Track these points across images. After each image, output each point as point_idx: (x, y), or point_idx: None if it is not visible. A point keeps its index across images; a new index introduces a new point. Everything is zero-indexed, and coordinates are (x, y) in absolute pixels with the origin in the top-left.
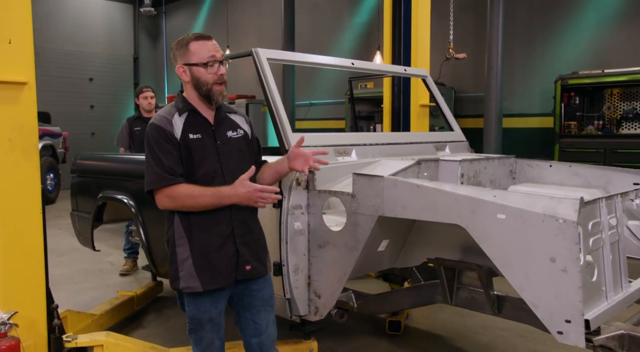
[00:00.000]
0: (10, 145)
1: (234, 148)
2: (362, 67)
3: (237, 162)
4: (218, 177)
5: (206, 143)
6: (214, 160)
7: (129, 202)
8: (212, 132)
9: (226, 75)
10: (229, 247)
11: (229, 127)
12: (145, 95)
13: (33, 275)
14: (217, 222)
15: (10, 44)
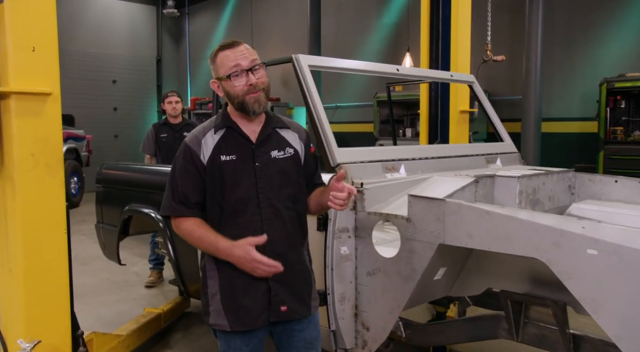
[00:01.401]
0: (33, 160)
1: (277, 171)
2: (408, 73)
3: (279, 188)
4: (252, 204)
5: (241, 165)
6: (248, 184)
7: (157, 216)
8: (252, 152)
9: (262, 81)
10: (259, 284)
11: (275, 145)
12: (170, 100)
13: (57, 300)
14: None
15: (34, 51)
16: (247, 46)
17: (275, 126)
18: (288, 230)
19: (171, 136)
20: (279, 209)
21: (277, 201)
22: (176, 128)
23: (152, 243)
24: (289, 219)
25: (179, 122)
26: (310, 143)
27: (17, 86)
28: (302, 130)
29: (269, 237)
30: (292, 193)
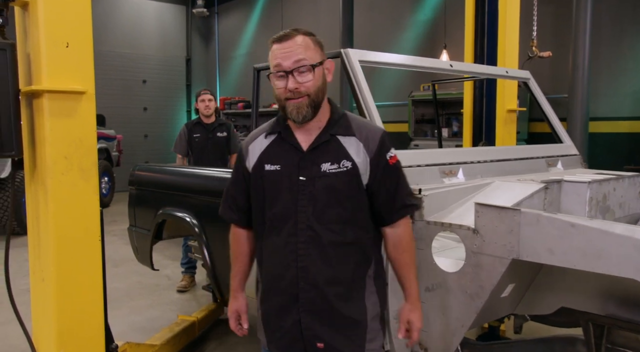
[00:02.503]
0: (67, 163)
1: (324, 187)
2: (462, 69)
3: (324, 207)
4: (289, 223)
5: (283, 178)
6: (288, 200)
7: (192, 220)
8: (298, 163)
9: (306, 86)
10: (289, 312)
11: (329, 156)
12: (203, 98)
13: (91, 311)
14: (278, 277)
15: (67, 47)
16: (299, 40)
17: (336, 132)
18: (329, 258)
19: (204, 136)
20: (319, 233)
21: (319, 223)
22: (209, 128)
23: (185, 246)
24: (333, 245)
25: (212, 121)
26: (383, 155)
27: (50, 84)
28: (372, 138)
29: (303, 264)
30: (344, 215)
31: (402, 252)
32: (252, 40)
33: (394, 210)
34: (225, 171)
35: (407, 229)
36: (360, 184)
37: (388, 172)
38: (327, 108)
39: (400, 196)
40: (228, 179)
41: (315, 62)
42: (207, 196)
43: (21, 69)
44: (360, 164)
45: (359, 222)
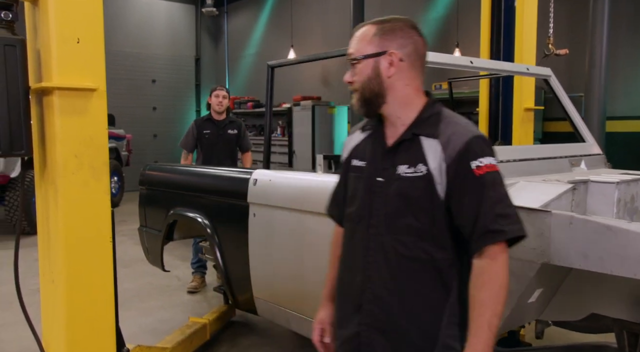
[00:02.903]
0: (77, 162)
1: (396, 192)
2: (482, 66)
3: (395, 215)
4: (362, 226)
5: (364, 175)
6: (364, 202)
7: (204, 221)
8: (380, 161)
9: (352, 81)
10: (351, 322)
11: (407, 158)
12: (217, 93)
13: (101, 315)
14: (347, 282)
15: (78, 43)
16: (359, 32)
17: (420, 132)
18: (396, 273)
19: (214, 133)
20: (388, 243)
21: (389, 232)
22: (220, 124)
23: (195, 245)
24: (401, 259)
25: (223, 118)
26: (465, 162)
27: (61, 81)
28: (455, 141)
29: (370, 272)
30: (416, 227)
31: (480, 288)
32: (262, 39)
33: (476, 235)
34: (237, 171)
35: (494, 263)
36: (435, 194)
37: (469, 185)
38: (417, 103)
39: (484, 218)
40: (242, 178)
41: (361, 55)
42: (219, 196)
43: (31, 65)
44: (434, 170)
45: (436, 239)
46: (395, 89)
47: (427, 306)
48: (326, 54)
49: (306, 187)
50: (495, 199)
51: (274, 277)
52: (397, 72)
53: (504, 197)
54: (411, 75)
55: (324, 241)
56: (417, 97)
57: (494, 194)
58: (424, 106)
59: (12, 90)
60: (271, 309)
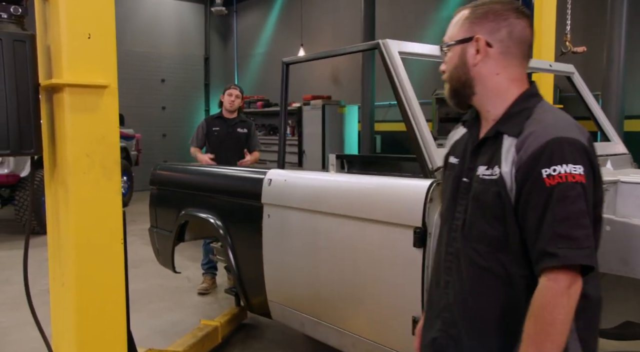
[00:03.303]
0: (89, 161)
1: (475, 196)
2: None
3: (473, 221)
4: (446, 229)
5: (453, 174)
6: (449, 203)
7: (216, 222)
8: (468, 161)
9: (442, 70)
10: (432, 327)
11: (487, 158)
12: (231, 92)
13: (113, 318)
14: (433, 284)
15: (89, 39)
16: (455, 18)
17: (505, 130)
18: (465, 284)
19: (223, 130)
20: (461, 250)
21: (464, 238)
22: (230, 122)
23: (205, 245)
24: (473, 269)
25: (234, 117)
26: (536, 168)
27: (71, 78)
28: (530, 143)
29: (447, 278)
30: (490, 236)
31: (529, 316)
32: (271, 38)
33: (534, 255)
34: (251, 171)
35: (547, 291)
36: (507, 202)
37: (536, 196)
38: (510, 95)
39: (543, 237)
40: (256, 178)
41: (449, 42)
42: (232, 197)
43: (41, 62)
44: (505, 174)
45: (512, 252)
46: (483, 79)
47: (496, 327)
48: (343, 50)
49: (323, 188)
50: (560, 216)
51: (289, 280)
52: (484, 59)
53: (574, 215)
54: (504, 64)
55: (340, 243)
56: (511, 88)
57: (561, 210)
58: (515, 99)
59: (22, 87)
60: (285, 313)
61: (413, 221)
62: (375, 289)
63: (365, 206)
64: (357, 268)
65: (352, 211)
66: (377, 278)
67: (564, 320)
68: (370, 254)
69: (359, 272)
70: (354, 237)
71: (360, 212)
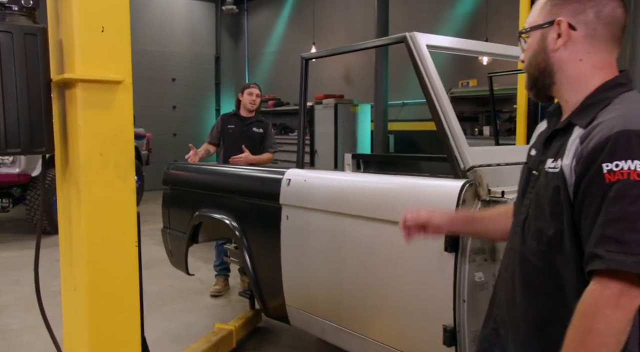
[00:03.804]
0: (102, 161)
1: (535, 191)
2: None
3: (533, 216)
4: (513, 223)
5: (527, 167)
6: (519, 195)
7: (232, 223)
8: (540, 153)
9: (522, 58)
10: (488, 322)
11: (554, 151)
12: (251, 91)
13: (127, 324)
14: (498, 278)
15: (103, 32)
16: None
17: (576, 120)
18: (515, 282)
19: (239, 128)
20: (519, 247)
21: (523, 234)
22: (246, 121)
23: (218, 247)
24: (525, 267)
25: (251, 116)
26: (596, 163)
27: (84, 73)
28: (595, 135)
29: (504, 275)
30: (547, 235)
31: (571, 324)
32: (282, 37)
33: (586, 254)
34: (268, 170)
35: (589, 294)
36: (565, 198)
37: (593, 192)
38: (592, 84)
39: (593, 237)
40: (274, 178)
41: (528, 27)
42: (249, 197)
43: (53, 56)
44: (565, 167)
45: (569, 255)
46: (564, 66)
47: (535, 330)
48: (367, 44)
49: (346, 188)
50: (614, 217)
51: (309, 284)
52: (566, 44)
53: (631, 217)
54: (588, 48)
55: (365, 247)
56: (594, 76)
57: (616, 210)
58: (596, 88)
59: (33, 83)
60: (305, 319)
61: None
62: (402, 295)
63: (393, 207)
64: (383, 273)
65: (378, 212)
66: (405, 283)
67: (605, 332)
68: (397, 258)
69: (385, 277)
70: (380, 240)
71: (387, 214)
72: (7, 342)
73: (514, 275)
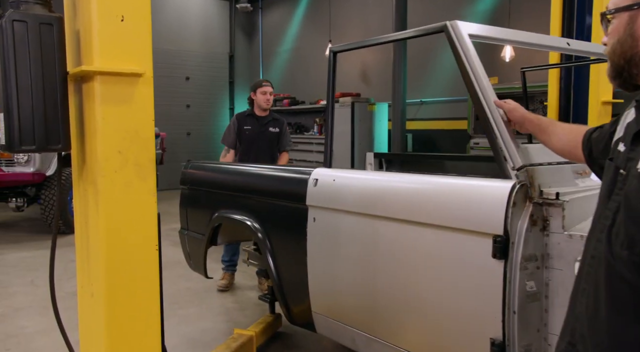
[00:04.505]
0: (121, 159)
1: (626, 194)
2: (580, 49)
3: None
4: (594, 227)
5: (614, 165)
6: (604, 195)
7: (254, 224)
8: (629, 149)
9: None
10: (564, 334)
11: None
12: (265, 90)
13: (146, 332)
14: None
15: (122, 21)
16: None
17: None
18: (598, 295)
19: (256, 129)
20: (602, 255)
21: (608, 242)
22: (262, 121)
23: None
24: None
25: (266, 115)
26: None
27: (103, 65)
28: None
29: (582, 285)
30: (634, 237)
31: None
32: (297, 35)
33: None
34: (294, 170)
35: None
36: None
37: None
38: None
39: None
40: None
41: (614, 8)
42: (273, 198)
43: (69, 47)
44: None
45: None
46: None
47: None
48: (399, 35)
49: (380, 189)
50: None
51: (338, 291)
52: None
53: None
54: None
55: (402, 252)
56: None
57: None
58: None
59: (49, 76)
60: (332, 326)
61: (492, 228)
62: (444, 305)
63: (434, 210)
64: (422, 280)
65: (416, 215)
66: (447, 292)
67: None
68: (439, 264)
69: (423, 285)
70: (419, 245)
71: (427, 217)
72: (21, 347)
73: (598, 289)
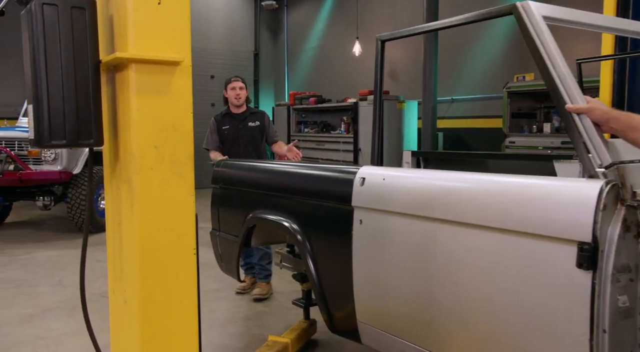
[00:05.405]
0: (157, 155)
1: None
2: None
3: None
4: None
5: None
6: None
7: (292, 226)
8: None
9: None
10: None
11: None
12: (234, 85)
13: (183, 342)
14: None
15: (159, 5)
16: None
17: None
18: None
19: (234, 127)
20: None
21: None
22: (239, 118)
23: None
24: None
25: (243, 111)
26: None
27: (138, 52)
28: None
29: None
30: None
31: None
32: (324, 32)
33: None
34: (338, 168)
35: None
36: None
37: None
38: None
39: None
40: (344, 178)
41: None
42: (314, 198)
43: (102, 33)
44: None
45: None
46: None
47: None
48: (467, 19)
49: (437, 188)
50: None
51: (387, 299)
52: None
53: None
54: None
55: (464, 259)
56: None
57: None
58: None
59: (80, 64)
60: (380, 337)
61: (578, 235)
62: (514, 321)
63: (506, 213)
64: (487, 291)
65: (481, 218)
66: (518, 306)
67: None
68: (510, 273)
69: (488, 297)
70: (484, 251)
71: (494, 221)
72: (50, 350)
73: None
